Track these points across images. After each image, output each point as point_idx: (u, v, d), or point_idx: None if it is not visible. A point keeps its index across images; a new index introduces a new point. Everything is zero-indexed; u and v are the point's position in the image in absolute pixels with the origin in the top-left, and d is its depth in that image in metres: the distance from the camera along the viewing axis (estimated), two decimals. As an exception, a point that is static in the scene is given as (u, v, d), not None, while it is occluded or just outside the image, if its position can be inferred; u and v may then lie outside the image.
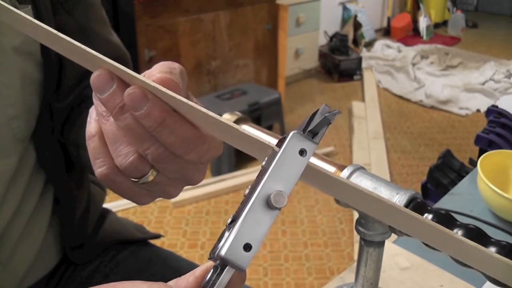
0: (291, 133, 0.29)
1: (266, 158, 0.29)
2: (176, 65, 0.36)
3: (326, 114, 0.29)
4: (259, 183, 0.27)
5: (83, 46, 0.32)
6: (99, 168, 0.36)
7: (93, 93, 0.35)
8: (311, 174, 0.31)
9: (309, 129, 0.29)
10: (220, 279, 0.26)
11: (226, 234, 0.26)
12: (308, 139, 0.29)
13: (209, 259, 0.28)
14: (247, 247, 0.26)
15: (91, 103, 0.60)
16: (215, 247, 0.27)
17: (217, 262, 0.27)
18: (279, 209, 0.27)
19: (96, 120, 0.37)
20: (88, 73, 0.63)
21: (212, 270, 0.28)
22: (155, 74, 0.34)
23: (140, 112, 0.32)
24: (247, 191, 0.28)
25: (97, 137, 0.36)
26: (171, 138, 0.33)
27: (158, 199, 0.40)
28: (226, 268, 0.26)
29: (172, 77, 0.34)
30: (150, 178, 0.36)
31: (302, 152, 0.28)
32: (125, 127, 0.33)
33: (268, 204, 0.27)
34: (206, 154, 0.35)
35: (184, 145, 0.33)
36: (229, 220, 0.27)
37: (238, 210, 0.27)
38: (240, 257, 0.26)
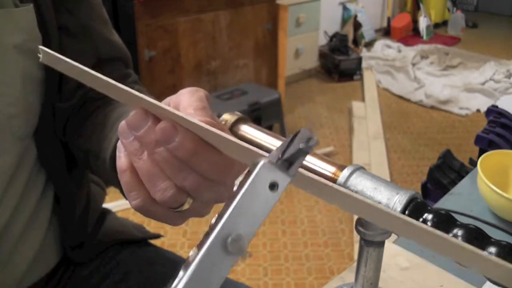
0: (260, 162, 0.24)
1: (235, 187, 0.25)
2: (202, 93, 0.38)
3: (302, 145, 0.24)
4: (219, 222, 0.24)
5: (126, 88, 0.34)
6: (133, 201, 0.38)
7: (122, 135, 0.37)
8: (303, 181, 0.30)
9: (284, 157, 0.25)
10: None
11: (181, 274, 0.24)
12: (281, 170, 0.24)
13: None
14: None
15: (96, 107, 0.61)
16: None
17: None
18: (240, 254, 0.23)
19: (126, 155, 0.38)
20: None
21: None
22: (191, 112, 0.36)
23: (173, 144, 0.33)
24: (213, 220, 0.25)
25: (128, 171, 0.38)
26: (204, 165, 0.35)
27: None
28: None
29: (213, 119, 0.36)
30: (186, 206, 0.38)
31: (273, 186, 0.24)
32: (162, 160, 0.35)
33: (226, 249, 0.23)
34: (239, 174, 0.37)
35: (218, 170, 0.35)
36: (190, 253, 0.25)
37: (198, 247, 0.24)
38: None
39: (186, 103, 0.37)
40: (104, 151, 0.53)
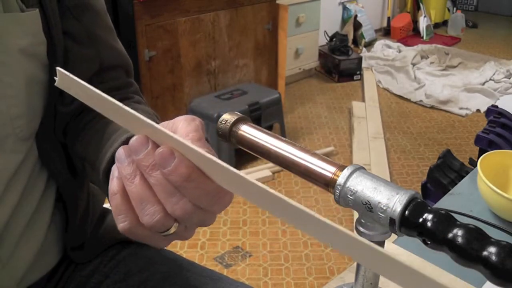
0: None
1: None
2: (198, 122, 0.40)
3: None
4: None
5: (133, 112, 0.36)
6: (121, 223, 0.39)
7: (118, 159, 0.39)
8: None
9: None
10: None
11: None
12: None
13: None
14: None
15: (95, 114, 0.62)
16: None
17: None
18: None
19: (118, 179, 0.39)
20: (93, 80, 0.64)
21: None
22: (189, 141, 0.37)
23: (168, 168, 0.35)
24: None
25: (119, 195, 0.39)
26: (196, 192, 0.36)
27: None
28: None
29: (210, 150, 0.38)
30: (172, 230, 0.38)
31: None
32: (156, 183, 0.36)
33: None
34: (227, 204, 0.38)
35: (209, 198, 0.36)
36: None
37: None
38: None
39: (183, 132, 0.38)
40: (99, 162, 0.54)
